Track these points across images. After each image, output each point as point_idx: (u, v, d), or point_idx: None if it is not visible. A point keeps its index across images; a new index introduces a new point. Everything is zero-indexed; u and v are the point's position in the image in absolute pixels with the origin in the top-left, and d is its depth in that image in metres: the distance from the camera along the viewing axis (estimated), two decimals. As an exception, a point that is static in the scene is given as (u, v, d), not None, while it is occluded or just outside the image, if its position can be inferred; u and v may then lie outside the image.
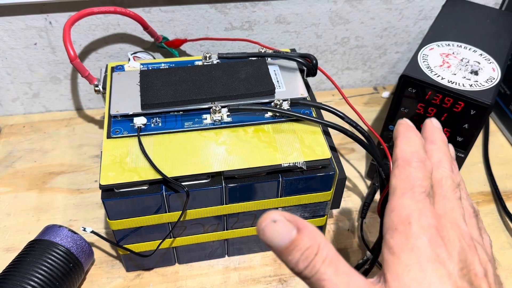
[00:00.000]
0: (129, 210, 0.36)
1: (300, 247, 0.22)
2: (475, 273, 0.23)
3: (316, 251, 0.22)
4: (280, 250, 0.23)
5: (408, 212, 0.24)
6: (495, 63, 0.43)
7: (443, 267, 0.22)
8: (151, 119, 0.39)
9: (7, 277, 0.35)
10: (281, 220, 0.23)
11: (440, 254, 0.23)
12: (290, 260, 0.23)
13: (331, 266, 0.22)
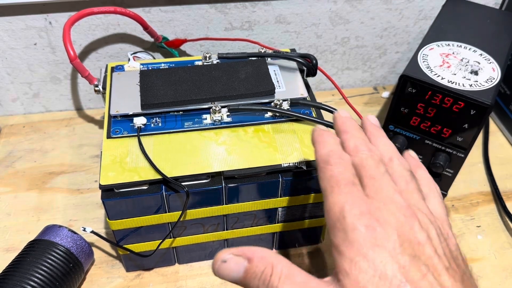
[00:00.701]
0: (129, 210, 0.36)
1: (256, 274, 0.24)
2: (417, 241, 0.23)
3: (270, 271, 0.24)
4: (240, 282, 0.25)
5: (340, 207, 0.24)
6: (495, 63, 0.43)
7: (384, 249, 0.22)
8: (151, 119, 0.39)
9: (7, 277, 0.35)
10: (230, 258, 0.25)
11: (377, 237, 0.23)
12: (252, 287, 0.24)
13: (287, 281, 0.23)
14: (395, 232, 0.23)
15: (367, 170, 0.26)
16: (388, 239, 0.22)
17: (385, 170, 0.26)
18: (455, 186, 0.47)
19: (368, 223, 0.23)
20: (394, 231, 0.23)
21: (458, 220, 0.48)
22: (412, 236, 0.23)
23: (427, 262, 0.22)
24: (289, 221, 0.41)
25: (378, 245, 0.22)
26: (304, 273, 0.24)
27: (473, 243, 0.46)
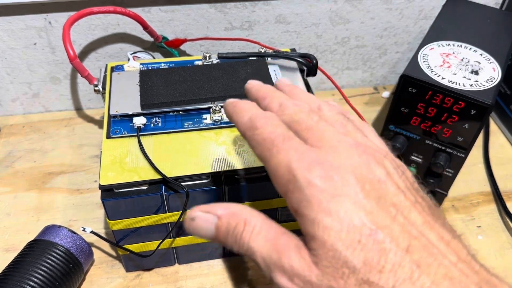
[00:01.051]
0: (128, 210, 0.36)
1: (228, 230, 0.23)
2: (377, 180, 0.21)
3: (242, 228, 0.22)
4: (214, 240, 0.24)
5: (286, 166, 0.22)
6: (495, 63, 0.43)
7: (345, 198, 0.20)
8: (151, 119, 0.39)
9: (7, 277, 0.35)
10: (198, 215, 0.24)
11: (336, 186, 0.20)
12: (226, 245, 0.23)
13: (258, 237, 0.22)
14: (352, 176, 0.20)
15: (301, 123, 0.24)
16: (348, 185, 0.20)
17: (319, 118, 0.24)
18: (455, 186, 0.47)
19: (322, 173, 0.20)
20: (351, 174, 0.21)
21: (459, 220, 0.48)
22: (371, 175, 0.21)
23: (393, 201, 0.20)
24: (289, 221, 0.41)
25: (338, 194, 0.20)
26: (278, 228, 0.22)
27: (474, 243, 0.46)
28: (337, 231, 0.19)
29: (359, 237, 0.19)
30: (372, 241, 0.19)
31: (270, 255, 0.21)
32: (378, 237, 0.19)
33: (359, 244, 0.19)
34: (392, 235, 0.19)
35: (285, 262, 0.20)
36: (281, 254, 0.21)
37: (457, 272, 0.19)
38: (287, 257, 0.20)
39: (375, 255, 0.18)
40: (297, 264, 0.20)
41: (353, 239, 0.19)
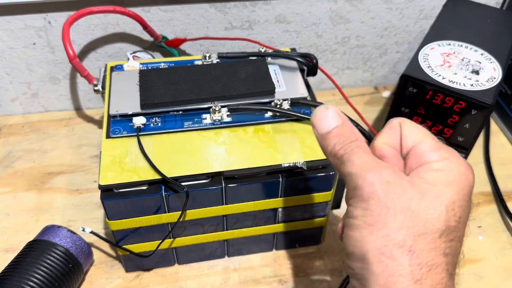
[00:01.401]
0: (128, 210, 0.36)
1: (340, 135, 0.26)
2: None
3: (354, 139, 0.25)
4: (324, 133, 0.26)
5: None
6: (496, 63, 0.43)
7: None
8: (151, 119, 0.39)
9: (6, 278, 0.35)
10: (333, 109, 0.26)
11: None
12: (329, 142, 0.26)
13: (363, 151, 0.25)
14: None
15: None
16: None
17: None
18: (456, 186, 0.47)
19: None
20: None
21: (459, 221, 0.48)
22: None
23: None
24: (289, 221, 0.41)
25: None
26: (376, 159, 0.25)
27: (474, 243, 0.46)
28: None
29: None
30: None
31: (371, 162, 0.24)
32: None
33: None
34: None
35: (381, 174, 0.23)
36: (376, 168, 0.24)
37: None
38: (382, 171, 0.24)
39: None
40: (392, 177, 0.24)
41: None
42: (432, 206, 0.23)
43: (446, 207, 0.23)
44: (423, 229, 0.22)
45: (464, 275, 0.43)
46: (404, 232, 0.22)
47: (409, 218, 0.22)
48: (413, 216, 0.22)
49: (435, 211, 0.23)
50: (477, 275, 0.43)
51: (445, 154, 0.25)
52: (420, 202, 0.23)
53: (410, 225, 0.22)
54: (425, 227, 0.22)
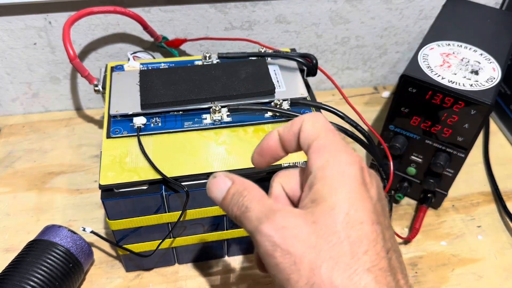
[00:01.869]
0: (128, 210, 0.36)
1: (234, 194, 0.26)
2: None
3: (245, 193, 0.26)
4: (220, 201, 0.27)
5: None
6: (495, 63, 0.43)
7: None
8: (151, 119, 0.39)
9: (7, 277, 0.35)
10: (220, 175, 0.28)
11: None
12: (227, 206, 0.26)
13: (255, 201, 0.25)
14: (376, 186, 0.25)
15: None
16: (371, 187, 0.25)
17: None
18: (455, 186, 0.47)
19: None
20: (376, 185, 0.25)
21: (459, 220, 0.48)
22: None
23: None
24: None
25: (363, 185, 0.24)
26: (270, 200, 0.26)
27: (474, 243, 0.46)
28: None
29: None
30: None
31: (264, 211, 0.24)
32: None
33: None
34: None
35: (278, 221, 0.23)
36: (275, 213, 0.23)
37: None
38: (280, 217, 0.23)
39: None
40: (292, 219, 0.23)
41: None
42: (330, 232, 0.22)
43: (341, 224, 0.22)
44: (333, 259, 0.21)
45: (463, 275, 0.43)
46: (319, 271, 0.21)
47: (315, 255, 0.21)
48: (317, 251, 0.21)
49: (334, 236, 0.22)
50: (477, 274, 0.43)
51: (324, 158, 0.24)
52: (317, 232, 0.22)
53: (319, 262, 0.21)
54: (334, 253, 0.21)
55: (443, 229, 0.47)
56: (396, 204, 0.49)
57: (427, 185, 0.46)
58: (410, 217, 0.48)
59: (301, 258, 0.22)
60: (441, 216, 0.49)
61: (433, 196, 0.47)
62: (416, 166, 0.46)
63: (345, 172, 0.24)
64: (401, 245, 0.46)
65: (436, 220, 0.48)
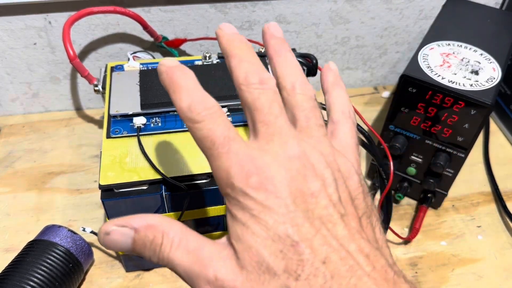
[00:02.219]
0: (128, 210, 0.36)
1: (145, 243, 0.22)
2: (310, 193, 0.21)
3: (160, 240, 0.22)
4: (131, 253, 0.23)
5: (225, 172, 0.22)
6: (495, 63, 0.43)
7: (276, 210, 0.20)
8: (151, 119, 0.39)
9: (7, 277, 0.35)
10: (113, 230, 0.22)
11: (269, 198, 0.21)
12: (145, 258, 0.23)
13: (179, 249, 0.21)
14: (287, 189, 0.21)
15: (259, 114, 0.23)
16: (280, 197, 0.20)
17: (279, 108, 0.23)
18: (455, 186, 0.47)
19: (257, 184, 0.21)
20: (286, 187, 0.21)
21: (459, 220, 0.48)
22: (305, 188, 0.21)
23: (321, 214, 0.21)
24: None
25: (269, 206, 0.20)
26: (198, 238, 0.22)
27: (474, 243, 0.46)
28: (263, 238, 0.20)
29: (282, 247, 0.20)
30: (293, 251, 0.20)
31: (193, 267, 0.21)
32: (299, 248, 0.20)
33: (281, 253, 0.20)
34: (312, 247, 0.20)
35: (209, 273, 0.20)
36: (205, 265, 0.21)
37: (369, 281, 0.20)
38: (211, 267, 0.21)
39: (294, 264, 0.19)
40: (223, 273, 0.20)
41: (277, 248, 0.20)
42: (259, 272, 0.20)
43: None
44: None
45: (463, 275, 0.43)
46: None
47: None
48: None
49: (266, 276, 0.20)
50: (477, 274, 0.43)
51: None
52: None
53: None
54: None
55: (443, 229, 0.47)
56: (396, 204, 0.49)
57: (427, 185, 0.46)
58: (410, 217, 0.48)
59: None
60: (441, 216, 0.49)
61: (433, 196, 0.47)
62: (416, 166, 0.46)
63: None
64: (401, 245, 0.46)
65: (436, 220, 0.48)
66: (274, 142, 0.22)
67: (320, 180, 0.22)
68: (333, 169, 0.22)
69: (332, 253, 0.20)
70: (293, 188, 0.21)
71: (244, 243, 0.20)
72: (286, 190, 0.21)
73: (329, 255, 0.20)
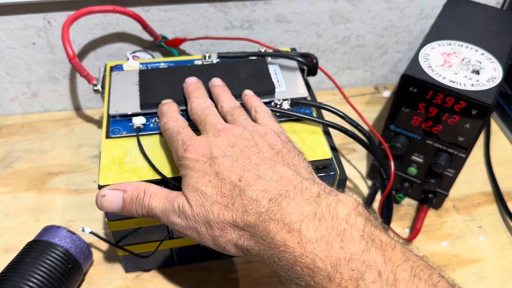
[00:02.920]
0: (128, 210, 0.36)
1: (132, 199, 0.32)
2: (230, 145, 0.31)
3: (143, 195, 0.32)
4: (122, 211, 0.32)
5: (175, 151, 0.33)
6: (496, 63, 0.43)
7: (204, 162, 0.30)
8: (150, 119, 0.39)
9: (6, 278, 0.35)
10: (107, 192, 0.32)
11: (198, 158, 0.31)
12: (133, 213, 0.32)
13: (155, 197, 0.31)
14: (211, 148, 0.31)
15: (198, 118, 0.35)
16: (205, 154, 0.31)
17: (210, 111, 0.35)
18: (456, 187, 0.47)
19: (190, 149, 0.31)
20: (210, 147, 0.31)
21: (460, 221, 0.48)
22: (225, 144, 0.31)
23: (238, 155, 0.30)
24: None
25: (197, 159, 0.31)
26: (167, 189, 0.32)
27: (475, 243, 0.46)
28: (196, 178, 0.30)
29: (209, 178, 0.30)
30: (217, 179, 0.29)
31: (165, 205, 0.31)
32: (220, 176, 0.29)
33: (210, 183, 0.29)
34: (230, 172, 0.29)
35: (175, 205, 0.30)
36: (172, 202, 0.31)
37: (273, 183, 0.28)
38: (176, 202, 0.30)
39: (218, 187, 0.29)
40: (181, 204, 0.30)
41: (206, 180, 0.30)
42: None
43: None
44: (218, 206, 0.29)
45: (464, 275, 0.43)
46: (212, 221, 0.29)
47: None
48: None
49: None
50: (477, 275, 0.43)
51: None
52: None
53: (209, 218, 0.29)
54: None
55: (444, 229, 0.47)
56: (397, 204, 0.49)
57: (428, 185, 0.46)
58: (411, 218, 0.48)
59: (199, 227, 0.29)
60: (442, 217, 0.48)
61: (434, 197, 0.47)
62: (417, 166, 0.46)
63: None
64: (402, 245, 0.45)
65: (437, 221, 0.48)
66: (206, 129, 0.33)
67: (238, 137, 0.32)
68: (251, 131, 0.33)
69: (246, 173, 0.29)
70: (216, 147, 0.31)
71: (187, 185, 0.30)
72: (210, 148, 0.31)
73: (244, 175, 0.29)
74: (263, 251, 0.27)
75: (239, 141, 0.31)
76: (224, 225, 0.28)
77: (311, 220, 0.26)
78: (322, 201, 0.27)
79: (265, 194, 0.28)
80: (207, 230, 0.29)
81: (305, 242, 0.25)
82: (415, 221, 0.46)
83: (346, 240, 0.24)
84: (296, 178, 0.29)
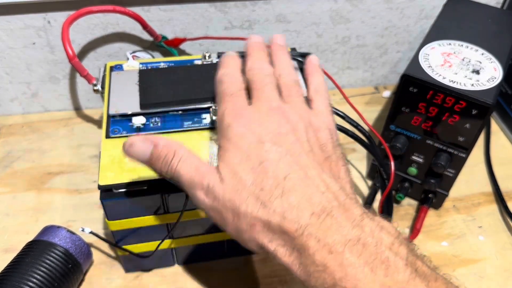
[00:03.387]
0: (128, 210, 0.36)
1: (160, 157, 0.29)
2: (279, 133, 0.28)
3: (172, 156, 0.29)
4: (146, 163, 0.30)
5: (221, 112, 0.30)
6: (496, 63, 0.43)
7: (251, 138, 0.28)
8: (150, 119, 0.39)
9: (6, 278, 0.35)
10: (137, 142, 0.30)
11: (246, 133, 0.28)
12: (157, 170, 0.30)
13: (185, 164, 0.29)
14: (261, 128, 0.28)
15: (254, 83, 0.32)
16: (254, 133, 0.28)
17: (270, 81, 0.32)
18: (456, 187, 0.47)
19: (240, 122, 0.29)
20: (260, 127, 0.28)
21: (460, 221, 0.48)
22: (277, 129, 0.29)
23: (288, 147, 0.28)
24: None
25: (245, 137, 0.28)
26: (199, 159, 0.29)
27: (475, 243, 0.46)
28: (240, 158, 0.27)
29: (252, 165, 0.27)
30: (260, 169, 0.27)
31: (194, 177, 0.28)
32: (265, 167, 0.27)
33: (252, 170, 0.27)
34: (276, 167, 0.27)
35: (204, 182, 0.28)
36: (203, 177, 0.28)
37: (319, 194, 0.26)
38: (206, 178, 0.28)
39: (260, 178, 0.27)
40: (213, 183, 0.27)
41: (248, 166, 0.27)
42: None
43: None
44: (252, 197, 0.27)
45: (464, 275, 0.43)
46: (239, 212, 0.27)
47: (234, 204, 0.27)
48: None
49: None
50: (478, 275, 0.43)
51: None
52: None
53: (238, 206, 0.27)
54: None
55: (444, 229, 0.47)
56: (397, 204, 0.49)
57: (428, 185, 0.46)
58: (411, 218, 0.48)
59: (226, 213, 0.27)
60: (442, 217, 0.48)
61: (434, 197, 0.47)
62: (417, 166, 0.46)
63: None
64: (402, 245, 0.45)
65: (437, 221, 0.48)
66: (260, 101, 0.31)
67: (290, 125, 0.29)
68: (305, 122, 0.30)
69: (293, 173, 0.27)
70: (266, 129, 0.28)
71: (227, 163, 0.28)
72: (259, 128, 0.28)
73: (290, 174, 0.27)
74: (295, 263, 0.25)
75: (291, 132, 0.28)
76: (255, 221, 0.26)
77: (354, 245, 0.24)
78: (366, 226, 0.25)
79: (309, 206, 0.26)
80: (233, 219, 0.27)
81: (347, 265, 0.24)
82: (415, 221, 0.46)
83: (391, 268, 0.24)
84: (341, 195, 0.27)
